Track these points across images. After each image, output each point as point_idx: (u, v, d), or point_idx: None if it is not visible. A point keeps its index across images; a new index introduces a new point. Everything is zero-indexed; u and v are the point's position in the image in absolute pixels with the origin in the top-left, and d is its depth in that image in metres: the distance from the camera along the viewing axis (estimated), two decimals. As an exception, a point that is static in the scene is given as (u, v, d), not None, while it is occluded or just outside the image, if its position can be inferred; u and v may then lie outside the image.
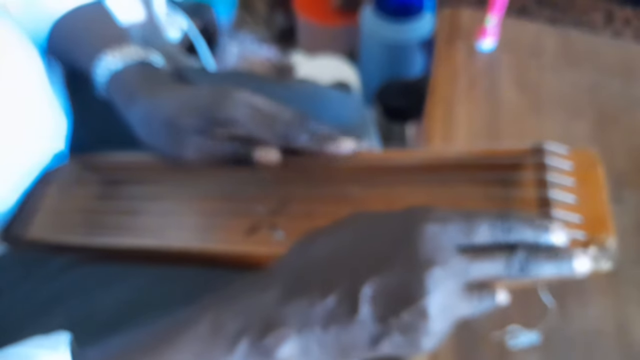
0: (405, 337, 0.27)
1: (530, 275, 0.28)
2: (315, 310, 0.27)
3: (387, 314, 0.26)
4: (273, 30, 1.45)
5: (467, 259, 0.28)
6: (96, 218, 0.48)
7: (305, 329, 0.27)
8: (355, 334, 0.27)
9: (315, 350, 0.27)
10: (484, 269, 0.28)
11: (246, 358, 0.27)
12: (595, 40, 0.80)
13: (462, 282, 0.27)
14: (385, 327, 0.26)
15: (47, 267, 0.43)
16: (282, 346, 0.27)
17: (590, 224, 0.33)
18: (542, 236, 0.29)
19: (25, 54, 0.47)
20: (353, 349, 0.27)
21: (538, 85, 0.73)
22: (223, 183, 0.47)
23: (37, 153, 0.48)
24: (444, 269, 0.27)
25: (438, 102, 0.72)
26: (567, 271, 0.29)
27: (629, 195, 0.61)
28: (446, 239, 0.28)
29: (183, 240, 0.42)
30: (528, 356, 0.49)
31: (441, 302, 0.26)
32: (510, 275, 0.28)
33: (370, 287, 0.27)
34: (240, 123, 0.39)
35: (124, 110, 0.44)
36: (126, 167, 0.49)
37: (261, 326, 0.27)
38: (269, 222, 0.44)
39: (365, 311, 0.26)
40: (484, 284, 0.30)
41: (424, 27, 1.12)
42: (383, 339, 0.27)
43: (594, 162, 0.36)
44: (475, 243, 0.28)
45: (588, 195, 0.34)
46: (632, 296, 0.53)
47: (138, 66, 0.45)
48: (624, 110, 0.70)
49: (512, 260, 0.28)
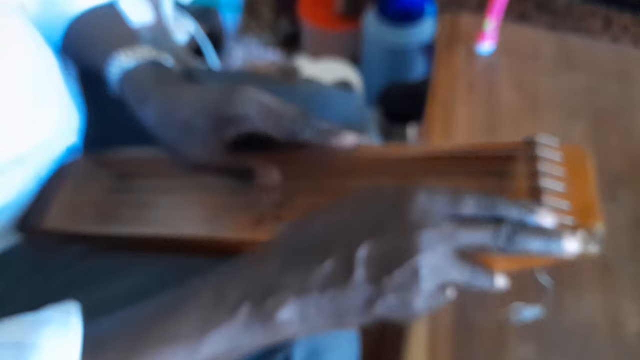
0: (398, 296, 0.28)
1: (518, 248, 0.29)
2: (313, 276, 0.28)
3: (380, 275, 0.28)
4: (278, 35, 1.47)
5: (456, 225, 0.29)
6: (108, 210, 0.49)
7: (304, 293, 0.28)
8: (351, 297, 0.28)
9: (313, 314, 0.28)
10: (472, 236, 0.29)
11: (248, 322, 0.28)
12: (592, 45, 0.81)
13: (451, 246, 0.29)
14: (379, 288, 0.28)
15: (62, 256, 0.44)
16: (282, 310, 0.28)
17: (579, 210, 0.33)
18: (528, 216, 0.30)
19: (36, 52, 0.48)
20: (348, 313, 0.29)
21: (535, 88, 0.74)
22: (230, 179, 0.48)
23: (52, 147, 0.49)
24: (433, 232, 0.28)
25: (438, 104, 0.73)
26: (556, 250, 0.30)
27: (623, 194, 0.62)
28: (435, 206, 0.29)
29: (192, 229, 0.43)
30: (524, 347, 0.50)
31: (431, 262, 0.28)
32: (498, 246, 0.29)
33: (364, 251, 0.28)
34: (249, 119, 0.40)
35: (137, 107, 0.45)
36: (137, 162, 0.50)
37: (261, 292, 0.28)
38: (274, 214, 0.45)
39: (360, 273, 0.28)
40: (477, 257, 0.31)
41: (425, 31, 1.13)
42: (377, 300, 0.28)
43: (583, 155, 0.37)
44: (462, 214, 0.29)
45: (577, 185, 0.35)
46: (626, 291, 0.54)
47: (150, 65, 0.46)
48: (619, 112, 0.71)
49: (500, 231, 0.29)
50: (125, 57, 0.46)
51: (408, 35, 1.11)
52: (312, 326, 0.29)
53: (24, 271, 0.43)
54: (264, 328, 0.28)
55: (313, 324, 0.29)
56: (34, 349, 0.26)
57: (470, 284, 0.31)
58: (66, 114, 0.51)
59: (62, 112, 0.50)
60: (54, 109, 0.49)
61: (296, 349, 0.35)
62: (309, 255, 0.29)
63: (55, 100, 0.49)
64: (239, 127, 0.40)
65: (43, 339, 0.26)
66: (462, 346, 0.50)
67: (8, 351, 0.26)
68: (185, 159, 0.43)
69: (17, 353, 0.25)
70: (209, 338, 0.28)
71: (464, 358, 0.49)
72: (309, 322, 0.29)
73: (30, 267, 0.44)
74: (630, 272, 0.55)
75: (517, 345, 0.50)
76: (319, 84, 0.56)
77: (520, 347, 0.50)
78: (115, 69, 0.46)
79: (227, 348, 0.28)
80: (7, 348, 0.26)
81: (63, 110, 0.50)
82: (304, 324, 0.29)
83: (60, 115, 0.50)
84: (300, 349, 0.36)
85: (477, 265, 0.31)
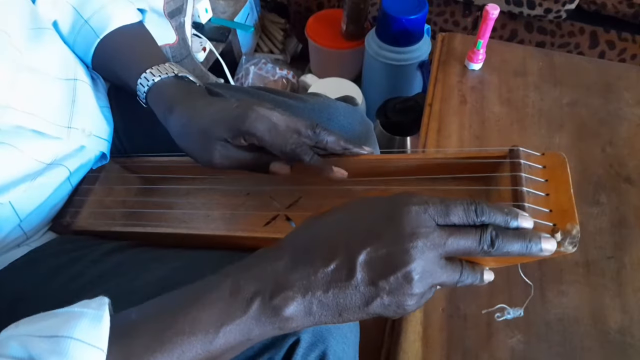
0: (393, 298, 0.30)
1: (500, 250, 0.31)
2: (318, 277, 0.30)
3: (378, 279, 0.30)
4: (288, 54, 1.49)
5: (445, 234, 0.31)
6: (135, 211, 0.51)
7: (309, 292, 0.30)
8: (351, 296, 0.30)
9: (316, 311, 0.30)
10: (459, 243, 0.31)
11: (258, 316, 0.30)
12: (576, 60, 0.82)
13: (440, 252, 0.31)
14: (376, 290, 0.30)
15: (93, 252, 0.46)
16: (288, 306, 0.30)
17: (558, 214, 0.35)
18: (511, 221, 0.32)
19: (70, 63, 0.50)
20: (348, 310, 0.31)
21: (523, 102, 0.76)
22: (244, 182, 0.50)
23: (85, 153, 0.52)
24: (425, 241, 0.30)
25: (433, 116, 0.74)
26: (536, 250, 0.31)
27: (604, 198, 0.63)
28: (427, 217, 0.31)
29: (211, 229, 0.45)
30: (511, 338, 0.51)
31: (422, 269, 0.30)
32: (483, 249, 0.31)
33: (364, 257, 0.30)
34: (259, 136, 0.42)
35: (163, 118, 0.47)
36: (161, 168, 0.53)
37: (271, 289, 0.30)
38: (285, 215, 0.47)
39: (359, 276, 0.30)
40: (471, 261, 0.33)
41: (421, 50, 1.15)
42: (374, 300, 0.30)
43: (562, 163, 0.38)
44: (452, 223, 0.31)
45: (556, 189, 0.36)
46: (607, 288, 0.55)
47: (176, 80, 0.49)
48: (602, 123, 0.72)
49: (484, 236, 0.31)
50: (155, 73, 0.48)
51: (405, 54, 1.13)
52: (315, 321, 0.31)
53: (58, 265, 0.45)
54: (272, 322, 0.30)
55: (316, 319, 0.31)
56: (68, 341, 0.27)
57: (460, 283, 0.33)
58: (97, 123, 0.53)
59: (94, 121, 0.52)
60: (87, 118, 0.51)
61: (303, 335, 0.37)
62: (316, 257, 0.31)
63: (88, 110, 0.52)
64: (249, 140, 0.43)
65: (77, 332, 0.27)
66: (454, 335, 0.51)
67: (45, 343, 0.27)
68: (206, 163, 0.45)
69: (54, 344, 0.27)
70: (223, 331, 0.29)
71: (456, 346, 0.50)
72: (313, 317, 0.31)
73: (64, 261, 0.46)
74: (611, 270, 0.56)
75: (506, 336, 0.51)
76: (326, 97, 0.57)
77: (509, 337, 0.51)
78: (144, 82, 0.48)
79: (239, 340, 0.30)
80: (45, 340, 0.27)
81: (95, 119, 0.53)
82: (308, 319, 0.31)
83: (93, 124, 0.52)
84: (307, 335, 0.37)
85: (465, 267, 0.33)
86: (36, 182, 0.46)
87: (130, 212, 0.51)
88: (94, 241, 0.47)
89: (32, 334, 0.28)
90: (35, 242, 0.49)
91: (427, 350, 0.50)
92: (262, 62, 1.33)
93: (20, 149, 0.43)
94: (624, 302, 0.53)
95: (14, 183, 0.44)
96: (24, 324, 0.29)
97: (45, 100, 0.46)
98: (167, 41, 0.63)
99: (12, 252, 0.46)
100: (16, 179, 0.44)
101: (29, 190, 0.45)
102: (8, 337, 0.28)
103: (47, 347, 0.27)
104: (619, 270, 0.56)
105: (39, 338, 0.27)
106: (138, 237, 0.47)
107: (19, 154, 0.43)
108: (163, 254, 0.44)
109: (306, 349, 0.37)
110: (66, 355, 0.26)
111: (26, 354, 0.27)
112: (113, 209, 0.51)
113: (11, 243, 0.46)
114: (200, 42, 1.08)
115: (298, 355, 0.37)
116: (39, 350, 0.27)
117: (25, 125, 0.43)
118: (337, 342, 0.39)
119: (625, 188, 0.64)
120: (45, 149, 0.46)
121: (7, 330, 0.29)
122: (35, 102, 0.45)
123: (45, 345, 0.27)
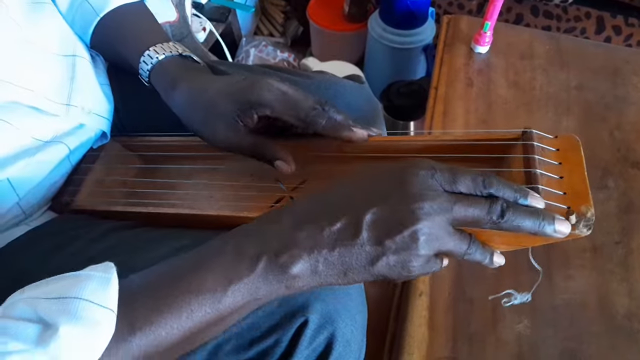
0: (398, 258, 0.30)
1: (510, 223, 0.30)
2: (324, 235, 0.30)
3: (383, 237, 0.29)
4: (288, 36, 1.47)
5: (452, 199, 0.30)
6: (135, 191, 0.50)
7: (315, 250, 0.30)
8: (356, 255, 0.30)
9: (322, 269, 0.30)
10: (467, 210, 0.30)
11: (265, 274, 0.30)
12: (584, 44, 0.81)
13: (447, 217, 0.30)
14: (381, 249, 0.30)
15: (92, 231, 0.45)
16: (295, 264, 0.30)
17: (572, 197, 0.34)
18: (521, 198, 0.31)
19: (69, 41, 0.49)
20: (354, 269, 0.30)
21: (530, 85, 0.74)
22: (248, 163, 0.48)
23: (84, 132, 0.50)
24: (432, 204, 0.29)
25: (439, 99, 0.73)
26: (549, 230, 0.30)
27: (612, 183, 0.62)
28: (434, 182, 0.30)
29: (215, 209, 0.44)
30: (518, 323, 0.50)
31: (429, 230, 0.29)
32: (492, 220, 0.30)
33: (370, 216, 0.30)
34: (269, 105, 0.40)
35: (166, 95, 0.46)
36: (163, 147, 0.51)
37: (277, 248, 0.30)
38: (290, 197, 0.45)
39: (365, 235, 0.30)
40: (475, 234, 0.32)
41: (425, 33, 1.13)
42: (379, 259, 0.30)
43: (576, 145, 0.37)
44: (459, 191, 0.31)
45: (570, 173, 0.35)
46: (614, 273, 0.54)
47: (178, 58, 0.47)
48: (609, 107, 0.71)
49: (494, 206, 0.30)
50: (158, 51, 0.47)
51: (409, 37, 1.11)
52: (321, 280, 0.31)
53: (56, 244, 0.44)
54: (279, 281, 0.30)
55: (322, 278, 0.30)
56: (77, 302, 0.26)
57: (467, 256, 0.32)
58: (97, 100, 0.51)
59: (93, 99, 0.51)
60: (87, 95, 0.50)
61: (311, 316, 0.36)
62: (321, 216, 0.31)
63: (87, 87, 0.50)
64: (260, 112, 0.41)
65: (86, 293, 0.27)
66: (460, 320, 0.51)
67: (54, 304, 0.27)
68: (211, 140, 0.44)
69: (63, 305, 0.26)
70: (231, 289, 0.29)
71: (462, 331, 0.50)
72: (319, 276, 0.30)
73: (63, 240, 0.44)
74: (618, 255, 0.55)
75: (512, 321, 0.50)
76: (333, 75, 0.56)
77: (515, 322, 0.50)
78: (148, 60, 0.47)
79: (247, 299, 0.30)
80: (53, 301, 0.27)
81: (94, 97, 0.51)
82: (314, 278, 0.30)
83: (92, 101, 0.50)
84: (315, 316, 0.37)
85: (474, 240, 0.32)
86: (35, 159, 0.44)
87: (131, 191, 0.50)
88: (94, 221, 0.46)
89: (40, 297, 0.27)
90: (35, 222, 0.47)
91: (433, 334, 0.50)
92: (262, 44, 1.30)
93: (15, 125, 0.42)
94: (631, 288, 0.53)
95: (12, 159, 0.42)
96: (30, 288, 0.28)
97: (43, 76, 0.45)
98: (167, 18, 0.62)
99: (12, 231, 0.45)
100: (14, 155, 0.43)
101: (27, 167, 0.44)
102: (15, 301, 0.27)
103: (56, 308, 0.26)
104: (626, 255, 0.55)
105: (47, 300, 0.27)
106: (139, 217, 0.46)
107: (14, 130, 0.42)
108: (164, 234, 0.43)
109: (314, 330, 0.36)
110: (75, 315, 0.26)
111: (34, 315, 0.26)
112: (113, 189, 0.50)
113: (10, 221, 0.45)
114: (200, 22, 1.06)
115: (306, 337, 0.36)
116: (47, 311, 0.26)
117: (23, 101, 0.42)
118: (346, 324, 0.38)
119: (632, 173, 0.63)
120: (43, 126, 0.45)
121: (13, 296, 0.28)
122: (33, 78, 0.43)
123: (53, 306, 0.26)
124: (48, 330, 0.25)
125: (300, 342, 0.36)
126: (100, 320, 0.26)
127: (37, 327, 0.26)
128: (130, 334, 0.27)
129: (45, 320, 0.26)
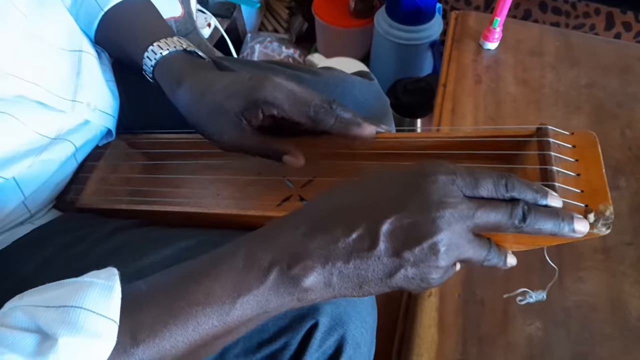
0: (417, 270, 0.28)
1: (532, 226, 0.29)
2: (338, 246, 0.28)
3: (402, 249, 0.28)
4: (293, 33, 1.46)
5: (474, 206, 0.28)
6: (140, 189, 0.49)
7: (329, 261, 0.28)
8: (373, 267, 0.28)
9: (336, 282, 0.28)
10: (488, 216, 0.29)
11: (276, 286, 0.28)
12: (594, 41, 0.80)
13: (468, 225, 0.28)
14: (399, 261, 0.28)
15: (97, 231, 0.44)
16: (308, 277, 0.28)
17: (590, 195, 0.33)
18: (541, 199, 0.30)
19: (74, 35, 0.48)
20: (369, 282, 0.29)
21: (539, 82, 0.73)
22: (255, 161, 0.47)
23: (89, 129, 0.49)
24: (453, 212, 0.28)
25: (447, 96, 0.72)
26: (568, 230, 0.29)
27: (624, 182, 0.61)
28: (455, 188, 0.29)
29: (221, 207, 0.43)
30: (529, 325, 0.50)
31: (450, 240, 0.28)
32: (514, 225, 0.29)
33: (388, 226, 0.28)
34: (277, 104, 0.39)
35: (171, 91, 0.45)
36: (168, 144, 0.50)
37: (289, 259, 0.28)
38: (298, 195, 0.45)
39: (383, 246, 0.28)
40: (491, 237, 0.31)
41: (432, 29, 1.12)
42: (397, 272, 0.28)
43: (593, 142, 0.36)
44: (480, 196, 0.29)
45: (587, 170, 0.34)
46: (627, 274, 0.53)
47: (183, 53, 0.46)
48: (619, 105, 0.70)
49: (515, 210, 0.29)
50: (162, 46, 0.46)
51: (416, 33, 1.10)
52: (335, 293, 0.29)
53: (62, 244, 0.43)
54: (291, 293, 0.28)
55: (336, 291, 0.29)
56: (78, 311, 0.25)
57: (485, 261, 0.30)
58: (103, 97, 0.51)
59: (99, 95, 0.50)
60: (93, 92, 0.49)
61: (321, 318, 0.36)
62: (336, 225, 0.29)
63: (93, 83, 0.49)
64: (267, 111, 0.40)
65: (87, 302, 0.26)
66: (470, 321, 0.50)
67: (53, 313, 0.25)
68: (216, 139, 0.43)
69: (63, 314, 0.25)
70: (240, 302, 0.28)
71: (472, 332, 0.49)
72: (332, 289, 0.29)
73: (68, 240, 0.44)
74: (630, 256, 0.54)
75: (523, 322, 0.50)
76: (341, 71, 0.54)
77: (527, 324, 0.50)
78: (152, 55, 0.46)
79: (257, 311, 0.28)
80: (52, 310, 0.25)
81: (100, 93, 0.50)
82: (327, 291, 0.29)
83: (98, 98, 0.50)
84: (325, 318, 0.36)
85: (493, 245, 0.30)
86: (41, 158, 0.44)
87: (135, 189, 0.49)
88: (99, 219, 0.45)
89: (39, 304, 0.26)
90: (39, 220, 0.47)
91: (442, 335, 0.49)
92: (267, 40, 1.29)
93: (21, 120, 0.41)
94: (645, 289, 0.52)
95: (18, 157, 0.42)
96: (29, 295, 0.27)
97: (49, 70, 0.44)
98: (172, 14, 0.61)
99: (16, 230, 0.45)
100: (20, 154, 0.42)
101: (33, 165, 0.43)
102: (12, 308, 0.26)
103: (56, 317, 0.25)
104: (639, 257, 0.54)
105: (46, 308, 0.25)
106: (144, 215, 0.45)
107: (20, 125, 0.41)
108: (170, 234, 0.42)
109: (324, 333, 0.36)
110: (75, 326, 0.25)
111: (33, 324, 0.25)
112: (118, 187, 0.49)
113: (15, 220, 0.44)
114: (205, 17, 1.05)
115: (316, 340, 0.35)
116: (46, 320, 0.25)
117: (28, 96, 0.41)
118: (356, 327, 0.37)
119: (645, 172, 0.62)
120: (49, 122, 0.44)
121: (11, 302, 0.27)
122: (39, 72, 0.42)
123: (53, 315, 0.25)
124: (47, 341, 0.24)
125: (309, 345, 0.35)
126: (101, 332, 0.25)
127: (35, 337, 0.25)
128: (133, 346, 0.26)
129: (44, 331, 0.25)
